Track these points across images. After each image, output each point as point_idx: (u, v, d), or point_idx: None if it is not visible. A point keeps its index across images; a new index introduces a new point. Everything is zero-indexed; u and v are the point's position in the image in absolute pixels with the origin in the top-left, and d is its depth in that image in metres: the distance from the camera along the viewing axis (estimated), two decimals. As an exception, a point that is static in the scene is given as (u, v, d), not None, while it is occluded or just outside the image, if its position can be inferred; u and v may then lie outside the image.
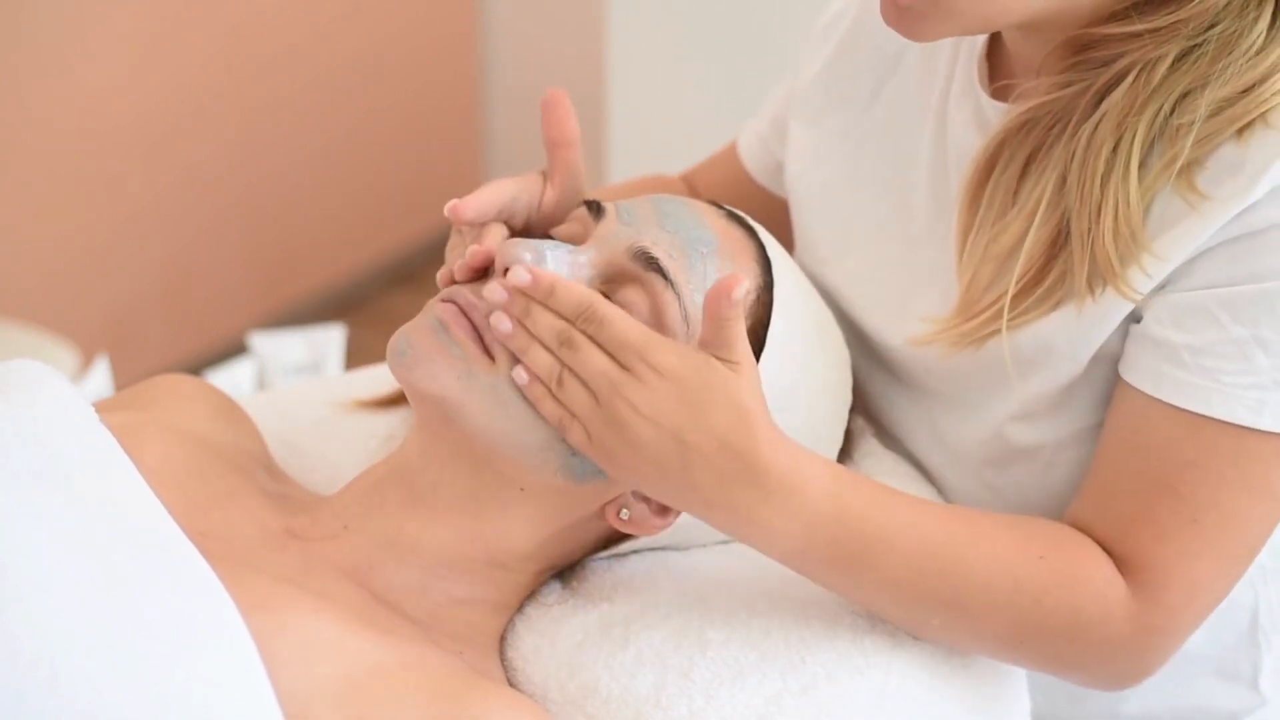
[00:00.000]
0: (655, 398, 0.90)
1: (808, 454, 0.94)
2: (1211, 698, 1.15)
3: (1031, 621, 0.95)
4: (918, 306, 1.08)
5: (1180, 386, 0.94)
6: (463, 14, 3.62)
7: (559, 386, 0.93)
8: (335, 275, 3.51)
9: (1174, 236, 0.94)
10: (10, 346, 2.31)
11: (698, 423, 0.90)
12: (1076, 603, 0.95)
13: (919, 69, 1.14)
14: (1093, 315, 0.97)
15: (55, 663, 0.80)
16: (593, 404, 0.92)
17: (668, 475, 0.91)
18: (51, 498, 0.88)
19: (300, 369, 2.31)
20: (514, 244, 0.97)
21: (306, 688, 0.87)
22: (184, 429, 1.06)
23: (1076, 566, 0.96)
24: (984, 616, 0.95)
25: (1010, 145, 1.01)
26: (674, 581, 1.02)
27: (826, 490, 0.93)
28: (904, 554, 0.94)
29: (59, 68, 2.80)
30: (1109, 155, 0.95)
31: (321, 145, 3.36)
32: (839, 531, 0.93)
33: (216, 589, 0.86)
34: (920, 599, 0.95)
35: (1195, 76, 0.94)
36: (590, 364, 0.92)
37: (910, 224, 1.12)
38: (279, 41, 3.20)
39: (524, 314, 0.94)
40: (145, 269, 3.06)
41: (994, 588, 0.95)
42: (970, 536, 0.96)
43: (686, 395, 0.90)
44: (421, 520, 0.99)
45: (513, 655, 1.02)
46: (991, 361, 1.02)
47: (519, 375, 0.94)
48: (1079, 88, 0.98)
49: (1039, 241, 0.98)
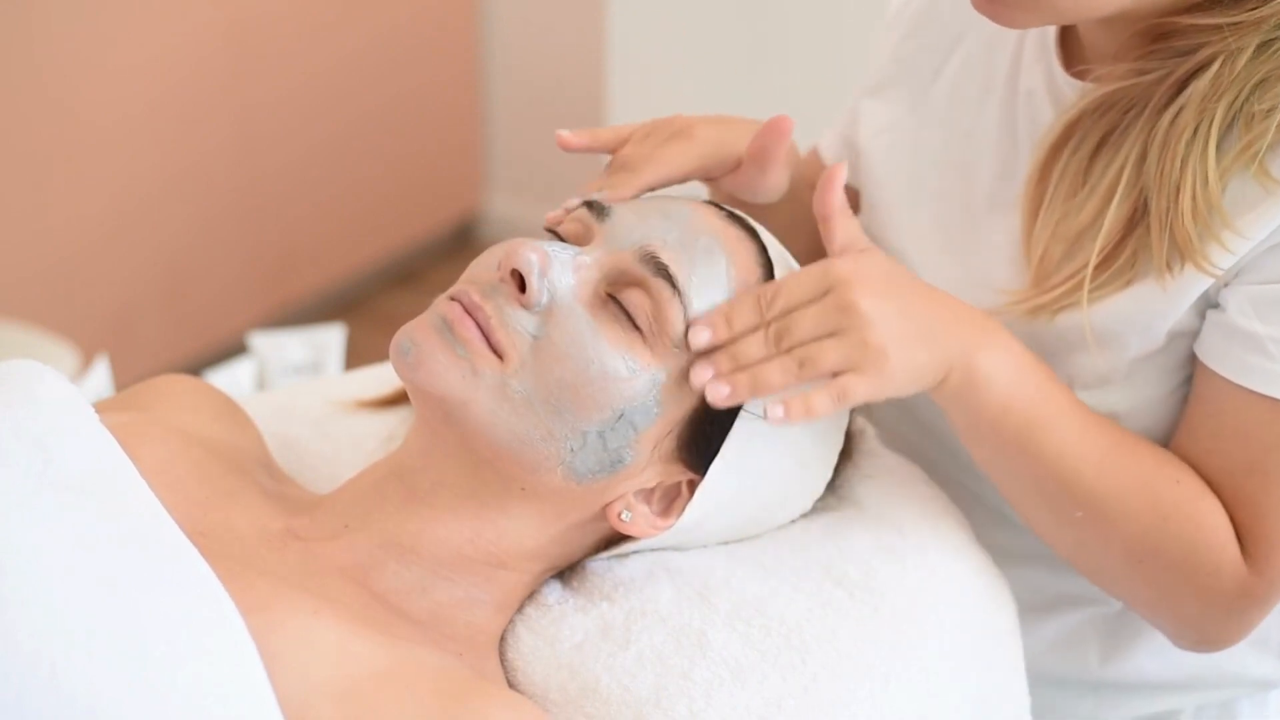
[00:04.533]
0: (871, 285, 0.96)
1: (983, 311, 1.02)
2: (1243, 666, 1.17)
3: (1154, 540, 1.01)
4: (982, 272, 1.12)
5: (1267, 376, 1.00)
6: (463, 13, 3.62)
7: (801, 368, 0.95)
8: (335, 275, 3.51)
9: (1253, 218, 0.99)
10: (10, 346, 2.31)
11: (902, 295, 0.97)
12: (1196, 537, 1.01)
13: (982, 46, 1.18)
14: (1172, 291, 1.02)
15: (55, 663, 0.80)
16: (838, 345, 0.95)
17: (922, 346, 0.97)
18: (51, 498, 0.88)
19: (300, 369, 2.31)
20: (520, 245, 0.97)
21: (306, 688, 0.87)
22: (184, 429, 1.06)
23: (1203, 503, 1.02)
24: (1119, 521, 1.01)
25: (1084, 125, 1.06)
26: (674, 581, 1.02)
27: (1020, 345, 1.01)
28: (1075, 434, 1.01)
29: (58, 68, 2.80)
30: (1189, 138, 1.00)
31: (322, 145, 3.36)
32: (1033, 391, 1.00)
33: (216, 589, 0.86)
34: (1074, 485, 1.01)
35: (1274, 66, 0.98)
36: (804, 328, 0.96)
37: (972, 193, 1.16)
38: (279, 41, 3.20)
39: (731, 364, 0.96)
40: (145, 268, 3.06)
41: (1134, 494, 1.01)
42: (1125, 441, 1.03)
43: (882, 275, 0.97)
44: (422, 520, 0.99)
45: (513, 655, 1.02)
46: (1063, 333, 1.07)
47: (775, 414, 0.96)
48: (1159, 74, 1.02)
49: (1118, 219, 1.03)
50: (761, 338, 0.96)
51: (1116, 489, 1.01)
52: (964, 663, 1.01)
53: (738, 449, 1.00)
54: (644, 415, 0.97)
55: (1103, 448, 1.01)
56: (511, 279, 0.98)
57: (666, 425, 0.98)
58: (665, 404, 0.97)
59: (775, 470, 1.03)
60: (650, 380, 0.97)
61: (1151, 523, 1.01)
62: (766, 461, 1.02)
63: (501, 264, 0.98)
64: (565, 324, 0.96)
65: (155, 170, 3.02)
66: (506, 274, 0.97)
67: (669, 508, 1.01)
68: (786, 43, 2.37)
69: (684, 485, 1.01)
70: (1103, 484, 1.01)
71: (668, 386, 0.97)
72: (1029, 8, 0.99)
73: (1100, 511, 1.01)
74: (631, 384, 0.96)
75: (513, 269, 0.97)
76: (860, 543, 1.06)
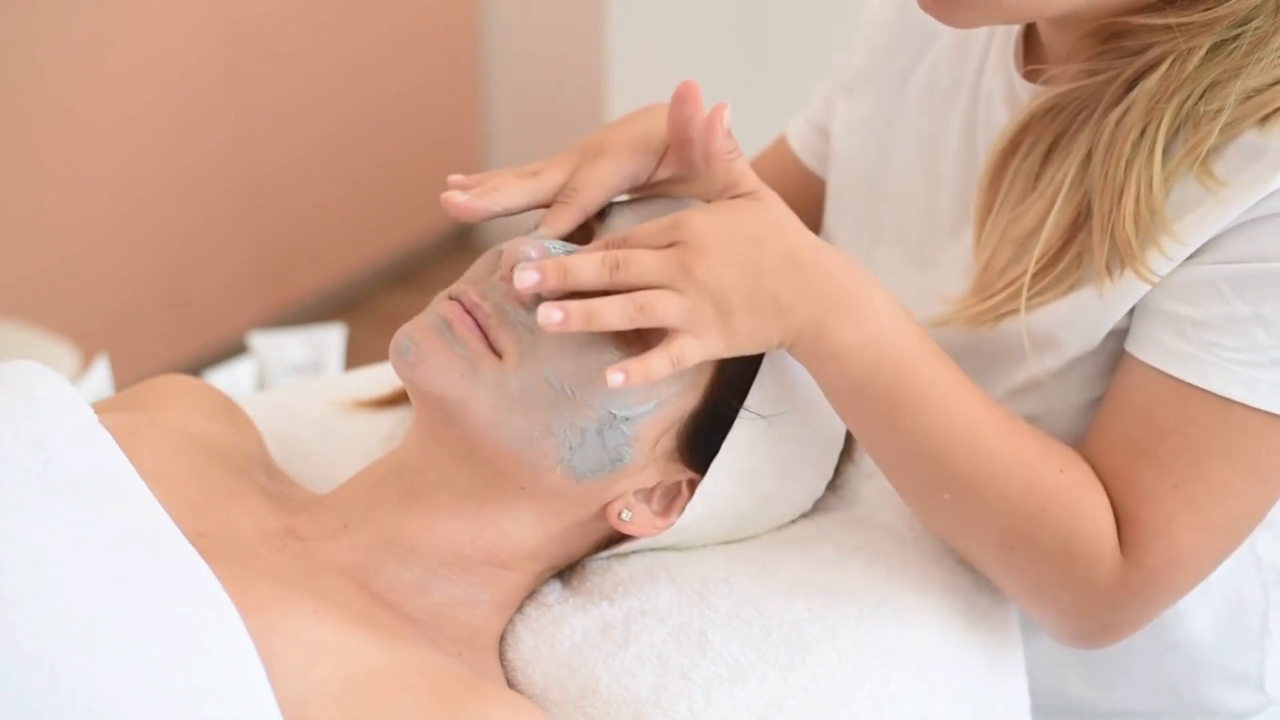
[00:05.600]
0: (716, 249, 0.92)
1: (867, 272, 0.96)
2: (1219, 698, 1.16)
3: (1029, 529, 0.96)
4: (937, 284, 1.09)
5: (1179, 357, 0.96)
6: (463, 13, 3.62)
7: (639, 312, 0.91)
8: (335, 275, 3.51)
9: (1193, 220, 0.95)
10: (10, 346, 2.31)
11: (750, 260, 0.92)
12: (1074, 527, 0.96)
13: (952, 47, 1.16)
14: (1111, 298, 0.99)
15: (55, 663, 0.80)
16: (676, 300, 0.91)
17: (761, 316, 0.92)
18: (51, 499, 0.88)
19: (300, 369, 2.31)
20: (520, 243, 0.97)
21: (306, 689, 0.87)
22: (183, 429, 1.06)
23: (1085, 493, 0.97)
24: (992, 506, 0.96)
25: (1035, 129, 1.03)
26: (674, 581, 1.02)
27: (896, 318, 0.95)
28: (946, 410, 0.96)
29: (58, 68, 2.80)
30: (1135, 140, 0.97)
31: (322, 145, 3.36)
32: (899, 365, 0.95)
33: (216, 590, 0.86)
34: (942, 465, 0.96)
35: (1226, 68, 0.95)
36: (645, 263, 0.92)
37: (935, 201, 1.14)
38: (279, 41, 3.20)
39: (558, 283, 0.93)
40: (145, 269, 3.06)
41: (1010, 479, 0.96)
42: (1004, 425, 0.97)
43: (739, 234, 0.92)
44: (422, 519, 0.99)
45: (512, 656, 1.02)
46: (1006, 339, 1.03)
47: (552, 317, 0.91)
48: (1108, 75, 0.99)
49: (1059, 223, 1.00)
50: (597, 260, 0.93)
51: (989, 473, 0.96)
52: (964, 663, 1.01)
53: (738, 448, 1.00)
54: (642, 413, 0.97)
55: (981, 430, 0.96)
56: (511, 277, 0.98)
57: (665, 423, 0.98)
58: (664, 402, 0.97)
59: (776, 469, 1.03)
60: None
61: (1028, 511, 0.96)
62: (767, 461, 1.02)
63: (501, 262, 0.98)
64: (564, 321, 0.96)
65: (155, 170, 3.02)
66: (507, 272, 0.98)
67: (669, 507, 1.01)
68: (786, 43, 2.37)
69: (684, 484, 1.01)
70: (974, 467, 0.96)
71: (666, 384, 0.97)
72: (975, 6, 0.96)
73: (971, 495, 0.96)
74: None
75: (512, 266, 0.97)
76: (860, 543, 1.06)
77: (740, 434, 1.00)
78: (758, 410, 0.99)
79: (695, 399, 0.99)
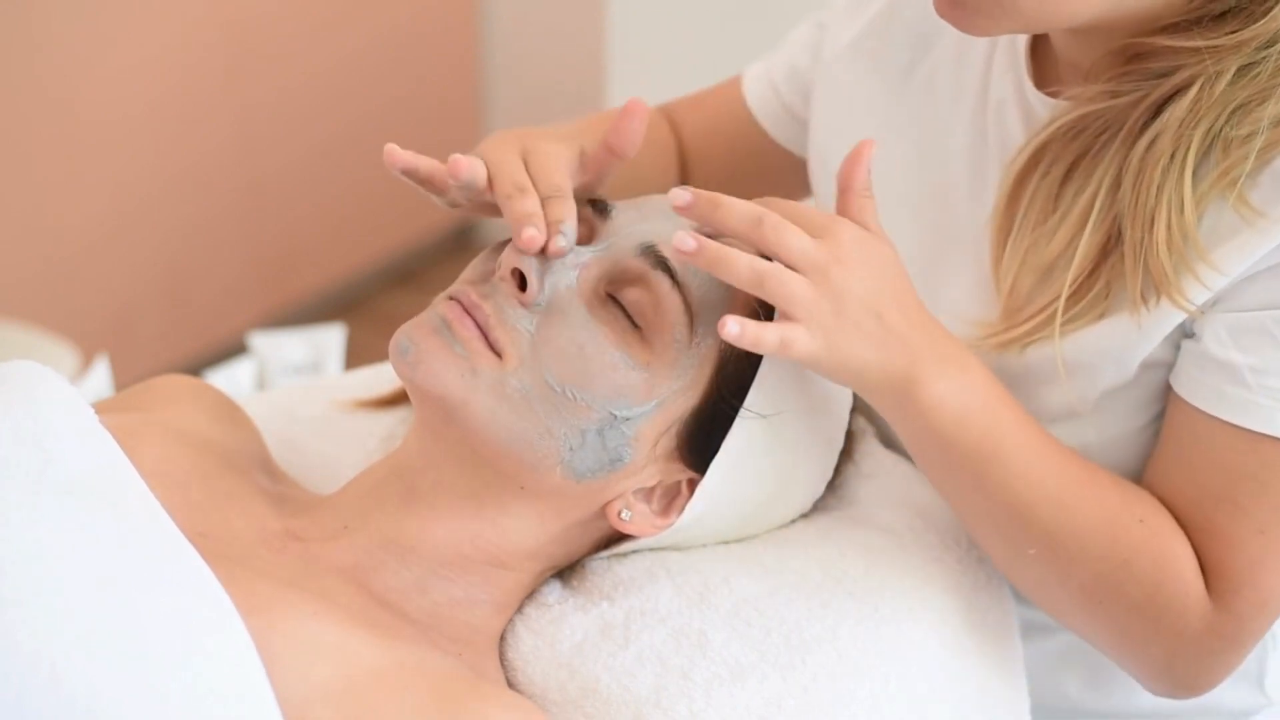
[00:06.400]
0: (859, 261, 0.93)
1: (960, 341, 0.98)
2: (1220, 697, 1.15)
3: (1115, 581, 0.97)
4: (947, 294, 1.09)
5: (1244, 406, 0.96)
6: (462, 13, 3.62)
7: (768, 278, 0.91)
8: (335, 275, 3.51)
9: (1230, 250, 0.95)
10: (10, 346, 2.31)
11: (877, 289, 0.94)
12: (1160, 578, 0.97)
13: (954, 51, 1.15)
14: (1147, 326, 0.99)
15: (55, 663, 0.80)
16: (807, 288, 0.92)
17: (872, 344, 0.93)
18: (51, 499, 0.88)
19: (300, 369, 2.31)
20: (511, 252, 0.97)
21: (306, 689, 0.87)
22: (183, 430, 1.06)
23: (1167, 542, 0.98)
24: (1077, 561, 0.97)
25: (1054, 149, 1.02)
26: (674, 581, 1.02)
27: (986, 378, 0.96)
28: (1030, 470, 0.96)
29: (58, 68, 2.80)
30: (1165, 164, 0.96)
31: (321, 144, 3.36)
32: (988, 422, 0.95)
33: (216, 590, 0.86)
34: (1027, 523, 0.97)
35: (1253, 92, 0.95)
36: (792, 235, 0.92)
37: (940, 207, 1.12)
38: (278, 41, 3.20)
39: (710, 211, 0.93)
40: (145, 268, 3.06)
41: (1094, 533, 0.97)
42: (1086, 477, 0.98)
43: (875, 260, 0.94)
44: (422, 520, 0.99)
45: (512, 656, 1.02)
46: (1032, 366, 1.03)
47: (730, 330, 0.91)
48: (1134, 97, 0.98)
49: (1090, 249, 1.00)
50: (750, 207, 0.93)
51: (1074, 527, 0.97)
52: (964, 663, 1.01)
53: (738, 448, 1.00)
54: (642, 413, 0.97)
55: (1062, 484, 0.97)
56: (512, 277, 0.98)
57: (665, 423, 0.98)
58: (664, 402, 0.97)
59: (775, 469, 1.03)
60: (649, 377, 0.97)
61: (1113, 564, 0.97)
62: (766, 460, 1.02)
63: (502, 262, 0.98)
64: (564, 322, 0.96)
65: (155, 170, 3.02)
66: (507, 273, 0.98)
67: (669, 507, 1.01)
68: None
69: (684, 484, 1.01)
70: (1059, 521, 0.97)
71: (666, 384, 0.97)
72: (992, 14, 0.95)
73: (1056, 550, 0.97)
74: (630, 381, 0.96)
75: (513, 267, 0.97)
76: (860, 543, 1.06)
77: (740, 434, 1.00)
78: (758, 410, 0.99)
79: (695, 399, 0.98)
